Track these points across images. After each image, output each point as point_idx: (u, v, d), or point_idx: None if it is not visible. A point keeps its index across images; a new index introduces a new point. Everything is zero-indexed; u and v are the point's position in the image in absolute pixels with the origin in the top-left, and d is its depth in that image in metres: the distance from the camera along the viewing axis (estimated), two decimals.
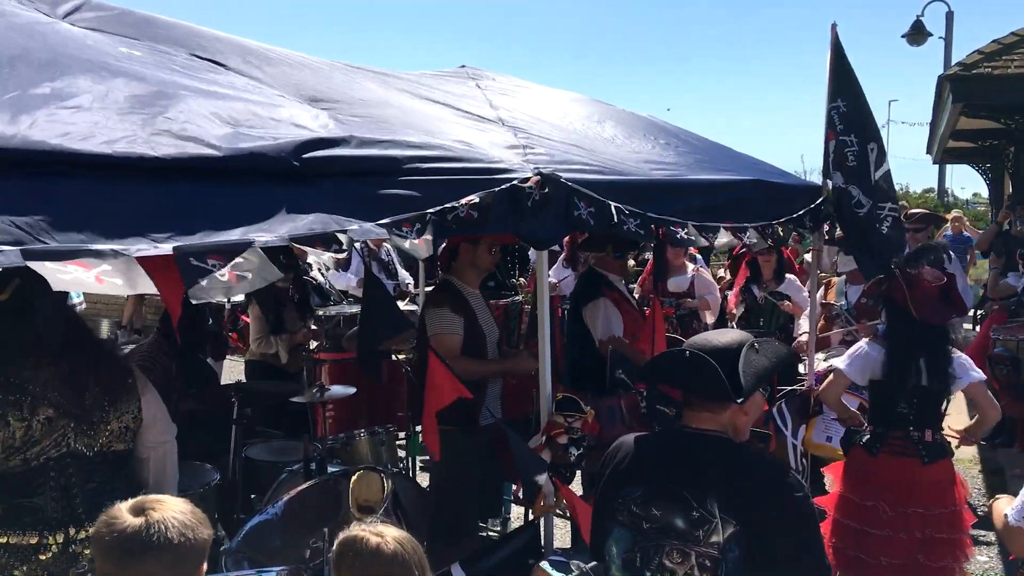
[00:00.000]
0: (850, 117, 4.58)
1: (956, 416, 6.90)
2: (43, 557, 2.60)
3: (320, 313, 6.38)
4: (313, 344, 5.83)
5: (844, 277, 6.48)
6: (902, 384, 3.95)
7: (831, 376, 4.24)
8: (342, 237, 2.42)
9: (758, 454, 2.46)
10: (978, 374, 3.98)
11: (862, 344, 4.14)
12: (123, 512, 1.94)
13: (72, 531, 2.64)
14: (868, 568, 3.97)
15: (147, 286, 1.99)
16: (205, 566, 2.02)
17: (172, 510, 1.96)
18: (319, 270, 7.44)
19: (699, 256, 7.48)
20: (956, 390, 4.00)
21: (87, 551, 2.61)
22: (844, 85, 4.61)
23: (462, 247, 4.29)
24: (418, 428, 5.77)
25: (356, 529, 2.21)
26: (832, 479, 4.39)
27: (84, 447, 2.69)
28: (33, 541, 2.60)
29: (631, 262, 6.19)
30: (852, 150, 4.56)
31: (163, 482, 2.96)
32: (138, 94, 2.43)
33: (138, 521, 1.91)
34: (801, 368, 5.60)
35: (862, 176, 4.57)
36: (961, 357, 3.99)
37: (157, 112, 2.39)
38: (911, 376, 3.93)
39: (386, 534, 2.19)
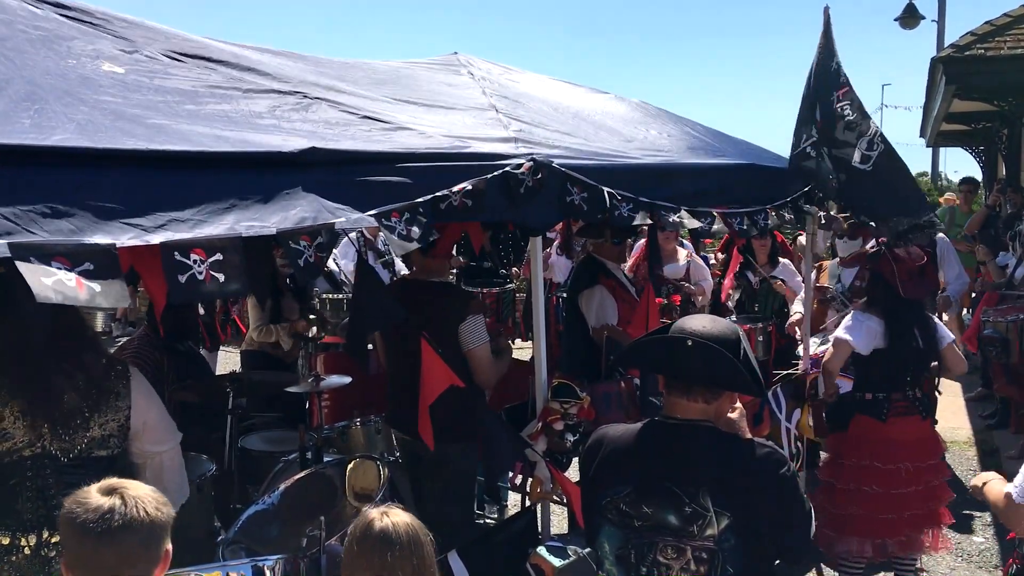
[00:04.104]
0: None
1: (951, 398, 7.00)
2: (14, 558, 2.55)
3: (327, 297, 6.33)
4: (313, 331, 5.79)
5: (837, 260, 6.49)
6: (908, 350, 4.26)
7: (833, 347, 4.43)
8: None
9: (746, 441, 2.38)
10: (950, 335, 4.42)
11: (856, 315, 4.39)
12: (93, 493, 1.95)
13: (46, 534, 2.57)
14: (895, 524, 4.28)
15: (121, 296, 1.90)
16: (170, 545, 2.03)
17: (141, 489, 1.98)
18: (331, 257, 7.32)
19: (687, 242, 7.45)
20: (941, 349, 4.35)
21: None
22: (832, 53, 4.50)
23: (446, 242, 4.07)
24: None
25: (369, 511, 2.30)
26: (832, 451, 4.57)
27: (59, 452, 2.59)
28: (5, 541, 2.55)
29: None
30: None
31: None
32: (122, 125, 2.38)
33: (113, 500, 1.92)
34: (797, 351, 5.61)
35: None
36: (937, 321, 4.43)
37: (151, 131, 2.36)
38: (912, 342, 4.26)
39: (394, 517, 2.27)
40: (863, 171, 4.23)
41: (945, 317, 7.56)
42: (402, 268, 8.10)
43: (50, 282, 1.76)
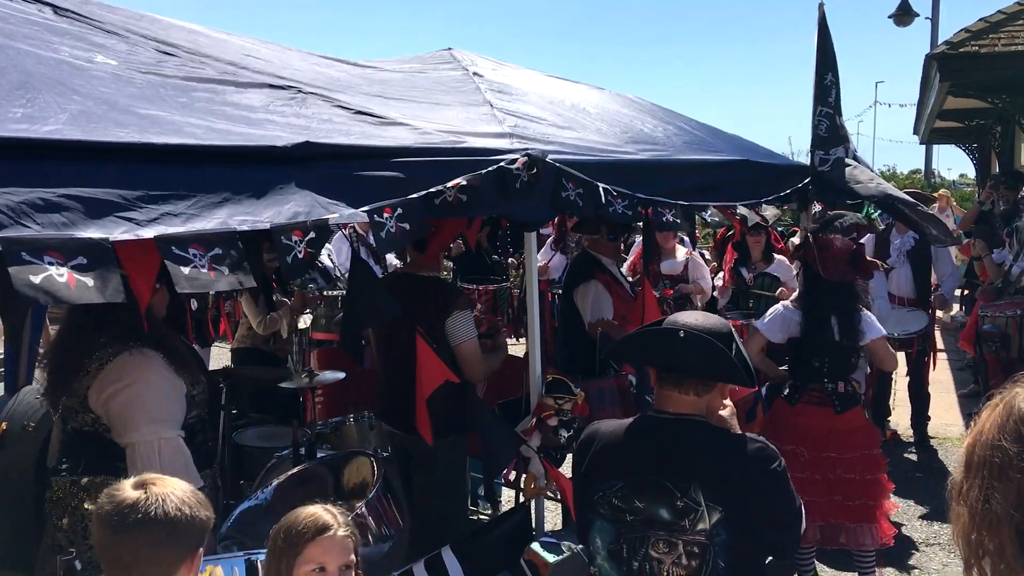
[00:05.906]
0: (835, 92, 4.70)
1: (901, 409, 7.02)
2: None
3: (325, 294, 6.31)
4: (305, 321, 5.74)
5: None
6: (818, 340, 4.32)
7: (749, 334, 4.65)
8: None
9: (737, 436, 2.39)
10: (881, 330, 4.39)
11: (778, 307, 4.56)
12: (125, 486, 1.96)
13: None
14: None
15: (116, 291, 1.86)
16: (201, 551, 2.00)
17: (172, 487, 1.97)
18: (326, 253, 7.26)
19: (686, 239, 7.45)
20: (864, 343, 4.34)
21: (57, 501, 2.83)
22: (830, 60, 4.67)
23: (441, 239, 4.02)
24: None
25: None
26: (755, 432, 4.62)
27: (51, 408, 2.92)
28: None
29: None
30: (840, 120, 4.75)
31: None
32: (115, 116, 2.36)
33: (137, 494, 1.92)
34: None
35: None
36: (867, 315, 4.37)
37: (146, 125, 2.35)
38: (826, 333, 4.30)
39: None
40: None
41: (940, 314, 7.55)
42: (393, 262, 8.10)
43: (38, 280, 1.73)
